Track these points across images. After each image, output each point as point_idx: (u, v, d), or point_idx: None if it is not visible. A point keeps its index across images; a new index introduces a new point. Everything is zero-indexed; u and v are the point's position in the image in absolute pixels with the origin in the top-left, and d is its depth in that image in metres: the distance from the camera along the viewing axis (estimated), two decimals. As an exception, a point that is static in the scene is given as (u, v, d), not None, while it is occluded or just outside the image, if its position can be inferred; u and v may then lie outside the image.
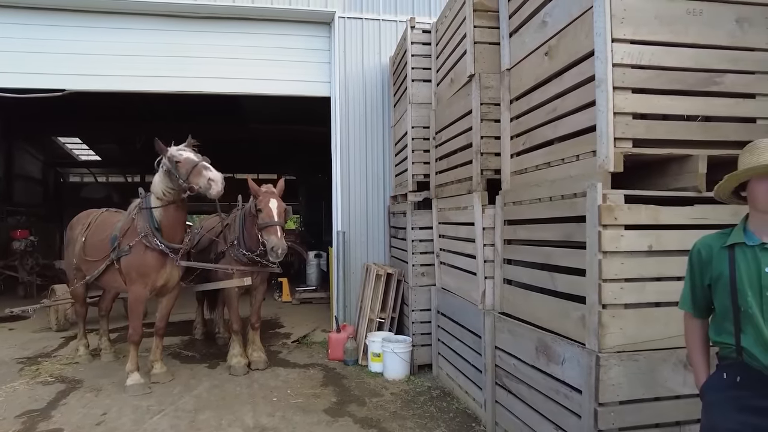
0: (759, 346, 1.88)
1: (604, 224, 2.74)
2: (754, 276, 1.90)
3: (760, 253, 1.91)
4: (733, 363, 1.97)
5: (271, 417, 4.52)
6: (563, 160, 3.27)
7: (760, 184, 1.91)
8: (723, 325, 2.02)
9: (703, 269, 2.09)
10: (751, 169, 1.91)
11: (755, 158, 1.92)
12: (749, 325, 1.91)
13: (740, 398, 1.93)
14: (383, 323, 6.15)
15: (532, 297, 3.57)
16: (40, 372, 5.81)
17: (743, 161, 1.99)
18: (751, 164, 1.92)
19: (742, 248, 1.96)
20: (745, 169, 1.94)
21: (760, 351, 1.87)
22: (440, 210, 5.40)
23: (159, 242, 5.08)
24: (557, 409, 3.12)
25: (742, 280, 1.92)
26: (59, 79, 7.00)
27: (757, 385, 1.89)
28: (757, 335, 1.88)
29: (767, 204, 1.91)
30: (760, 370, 1.88)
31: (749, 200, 1.99)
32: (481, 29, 4.40)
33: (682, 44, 2.91)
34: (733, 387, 1.97)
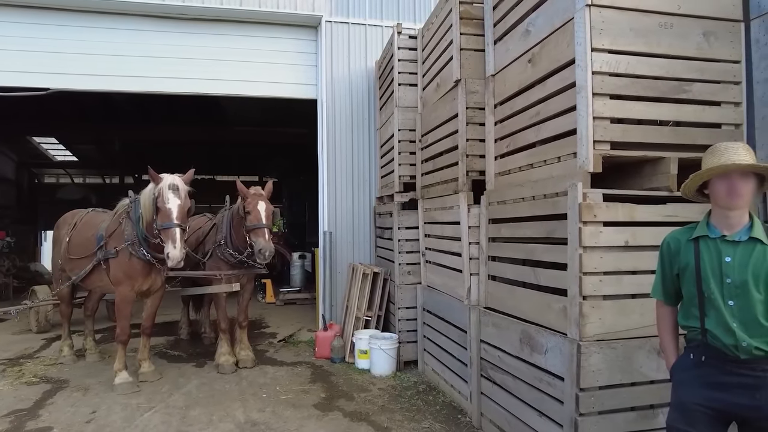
0: (720, 327, 2.07)
1: (584, 221, 2.94)
2: (716, 265, 2.11)
3: (720, 244, 2.12)
4: (699, 344, 2.16)
5: (262, 412, 4.61)
6: (545, 162, 3.47)
7: (720, 183, 2.11)
8: (690, 311, 2.21)
9: (672, 260, 2.28)
10: (712, 170, 2.11)
11: (716, 159, 2.13)
12: (712, 309, 2.10)
13: (705, 375, 2.13)
14: (370, 321, 6.28)
15: (516, 291, 3.76)
16: (24, 373, 5.76)
17: (705, 162, 2.18)
18: (712, 165, 2.12)
19: (705, 241, 2.16)
20: (706, 169, 2.14)
21: (722, 332, 2.07)
22: (426, 210, 5.57)
23: (145, 252, 5.10)
24: (540, 397, 3.30)
25: (705, 269, 2.12)
26: (43, 77, 6.96)
27: (719, 363, 2.09)
28: (718, 318, 2.08)
29: (725, 200, 2.10)
30: (722, 349, 2.07)
31: (711, 197, 2.19)
32: (467, 36, 4.60)
33: (655, 54, 3.14)
34: (698, 366, 2.16)
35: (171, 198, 4.80)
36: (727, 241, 2.11)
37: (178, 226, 4.75)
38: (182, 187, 4.91)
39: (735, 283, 2.06)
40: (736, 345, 2.04)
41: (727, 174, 2.08)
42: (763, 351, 2.01)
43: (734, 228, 2.11)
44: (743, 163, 2.06)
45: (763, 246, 2.06)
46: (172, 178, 4.94)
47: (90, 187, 21.69)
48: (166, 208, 4.78)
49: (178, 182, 4.91)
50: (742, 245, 2.09)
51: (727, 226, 2.13)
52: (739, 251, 2.08)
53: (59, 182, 22.14)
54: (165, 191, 4.81)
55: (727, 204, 2.10)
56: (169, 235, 4.73)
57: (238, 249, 5.64)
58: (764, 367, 2.02)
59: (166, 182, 4.87)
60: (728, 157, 2.09)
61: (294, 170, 16.76)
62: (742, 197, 2.08)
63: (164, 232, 4.76)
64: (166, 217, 4.77)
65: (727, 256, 2.09)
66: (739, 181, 2.07)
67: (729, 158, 2.09)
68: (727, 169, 2.08)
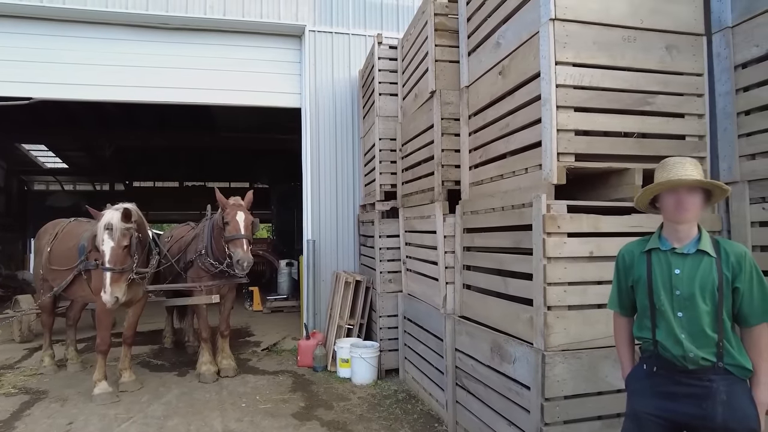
0: (670, 338, 2.12)
1: (548, 232, 2.98)
2: (666, 277, 2.16)
3: (671, 257, 2.17)
4: (651, 355, 2.21)
5: (240, 422, 4.60)
6: (514, 173, 3.51)
7: (669, 197, 2.17)
8: (643, 322, 2.26)
9: (627, 272, 2.33)
10: (660, 184, 2.18)
11: (665, 174, 2.18)
12: (663, 320, 2.16)
13: (656, 385, 2.18)
14: (352, 329, 6.29)
15: (487, 300, 3.79)
16: (3, 384, 5.72)
17: (656, 177, 2.23)
18: (661, 179, 2.18)
19: (657, 253, 2.22)
20: (656, 184, 2.20)
21: (671, 343, 2.12)
22: (406, 219, 5.60)
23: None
24: (509, 406, 3.33)
25: (656, 282, 2.18)
26: (26, 87, 6.97)
27: (669, 373, 2.14)
28: (668, 329, 2.13)
29: (674, 214, 2.16)
30: (671, 360, 2.12)
31: (661, 211, 2.25)
32: (441, 48, 4.65)
33: (619, 67, 3.20)
34: (650, 376, 2.21)
35: (105, 240, 4.70)
36: (677, 253, 2.17)
37: (109, 270, 4.67)
38: (118, 227, 4.71)
39: (684, 295, 2.11)
40: (684, 356, 2.08)
41: (675, 189, 2.14)
42: (709, 361, 2.06)
43: (684, 241, 2.17)
44: (689, 178, 2.12)
45: (710, 258, 2.11)
46: (110, 216, 4.76)
47: (80, 194, 21.61)
48: (100, 249, 4.73)
49: (114, 222, 4.71)
50: (691, 258, 2.14)
51: (677, 239, 2.18)
52: (687, 264, 2.14)
53: (49, 189, 22.06)
54: (100, 231, 4.73)
55: (675, 218, 2.16)
56: (102, 278, 4.68)
57: (218, 259, 5.64)
58: (710, 377, 2.06)
59: (104, 221, 4.74)
60: (676, 172, 2.15)
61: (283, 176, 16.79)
62: (689, 211, 2.13)
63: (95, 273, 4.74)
64: (101, 260, 4.73)
65: (676, 269, 2.14)
66: (686, 196, 2.12)
67: (677, 173, 2.14)
68: (674, 185, 2.13)
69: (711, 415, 2.03)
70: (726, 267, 2.09)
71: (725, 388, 2.03)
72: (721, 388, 2.03)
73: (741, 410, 2.03)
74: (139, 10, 6.98)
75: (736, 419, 2.02)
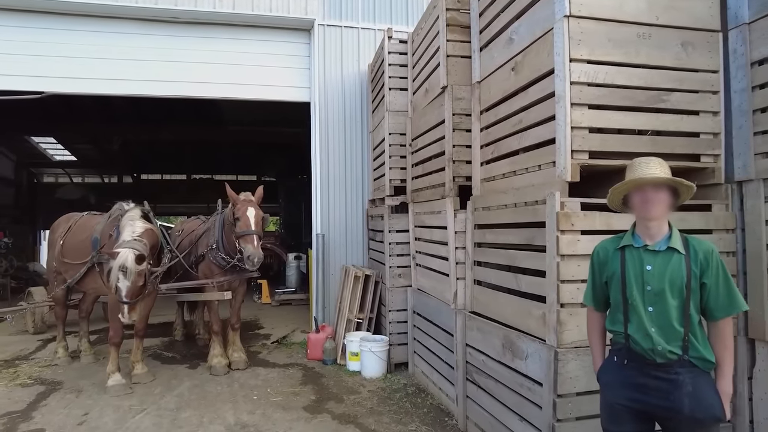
0: (640, 332, 2.21)
1: (561, 230, 2.98)
2: (638, 273, 2.25)
3: (643, 254, 2.26)
4: (622, 348, 2.30)
5: (252, 414, 4.66)
6: (527, 170, 3.51)
7: (636, 195, 2.27)
8: (616, 316, 2.34)
9: (602, 268, 2.41)
10: (626, 183, 2.28)
11: (632, 174, 2.28)
12: (635, 315, 2.24)
13: (627, 377, 2.26)
14: (361, 323, 6.33)
15: (499, 297, 3.81)
16: (19, 374, 5.83)
17: (626, 177, 2.32)
18: (628, 179, 2.28)
19: (630, 250, 2.30)
20: (622, 183, 2.30)
21: (642, 337, 2.20)
22: (416, 214, 5.61)
23: None
24: (521, 402, 3.36)
25: (629, 277, 2.26)
26: (37, 81, 7.01)
27: (639, 366, 2.23)
28: (639, 324, 2.22)
29: (641, 211, 2.26)
30: (641, 353, 2.21)
31: (632, 209, 2.34)
32: (453, 43, 4.63)
33: (633, 65, 3.18)
34: (621, 368, 2.30)
35: (121, 279, 4.69)
36: (649, 250, 2.25)
37: (127, 303, 4.75)
38: (132, 269, 4.69)
39: (654, 291, 2.20)
40: (653, 349, 2.18)
41: (641, 187, 2.24)
42: (675, 354, 2.15)
43: (655, 238, 2.26)
44: (653, 176, 2.21)
45: (680, 255, 2.21)
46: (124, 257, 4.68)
47: (89, 186, 21.77)
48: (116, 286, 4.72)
49: (129, 264, 4.67)
50: (662, 255, 2.23)
51: (649, 236, 2.27)
52: (658, 260, 2.23)
53: (58, 182, 22.23)
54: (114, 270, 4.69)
55: (643, 214, 2.25)
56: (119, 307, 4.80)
57: (229, 253, 5.68)
58: (677, 370, 2.15)
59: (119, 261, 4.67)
60: (641, 171, 2.25)
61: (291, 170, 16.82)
62: (655, 207, 2.22)
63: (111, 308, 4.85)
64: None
65: (648, 265, 2.23)
66: (651, 193, 2.21)
67: (641, 173, 2.24)
68: (638, 183, 2.23)
69: (678, 406, 2.12)
70: (694, 264, 2.18)
71: (690, 380, 2.13)
72: (687, 380, 2.13)
73: (706, 400, 2.12)
74: (148, 3, 6.99)
75: (702, 409, 2.11)
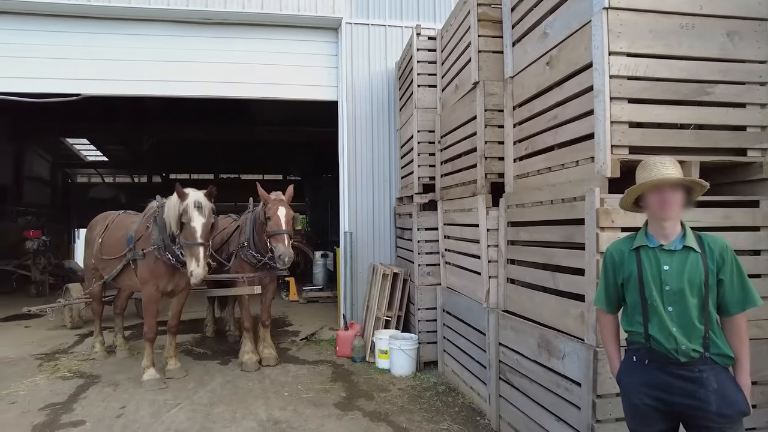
0: (663, 333, 2.20)
1: (601, 227, 2.92)
2: (656, 273, 2.24)
3: (659, 253, 2.26)
4: (641, 348, 2.28)
5: (284, 410, 4.71)
6: (563, 166, 3.45)
7: (652, 196, 2.25)
8: (634, 317, 2.32)
9: (617, 270, 2.40)
10: (644, 185, 2.26)
11: (647, 174, 2.26)
12: (655, 315, 2.23)
13: (650, 378, 2.25)
14: (390, 321, 6.33)
15: (534, 295, 3.75)
16: (59, 368, 6.01)
17: (638, 177, 2.31)
18: (644, 180, 2.26)
19: (645, 250, 2.30)
20: (640, 184, 2.28)
21: (664, 337, 2.19)
22: (445, 212, 5.58)
23: (170, 257, 5.24)
24: (558, 402, 3.30)
25: (647, 278, 2.26)
26: (74, 83, 7.21)
27: (662, 365, 2.21)
28: (660, 324, 2.21)
29: (659, 212, 2.24)
30: (664, 353, 2.20)
31: (646, 209, 2.33)
32: (485, 38, 4.58)
33: (676, 56, 3.09)
34: (642, 368, 2.28)
35: (196, 216, 4.86)
36: (665, 250, 2.25)
37: (201, 245, 4.82)
38: (206, 205, 4.96)
39: (673, 290, 2.20)
40: (676, 348, 2.17)
41: (659, 187, 2.22)
42: (698, 353, 2.15)
43: (669, 237, 2.26)
44: (672, 177, 2.21)
45: (696, 254, 2.21)
46: (197, 195, 4.99)
47: (120, 186, 22.35)
48: (190, 226, 4.85)
49: (202, 200, 4.95)
50: (678, 254, 2.23)
51: (663, 236, 2.27)
52: (675, 260, 2.23)
53: (91, 181, 22.89)
54: (190, 209, 4.88)
55: (661, 215, 2.24)
56: (193, 253, 4.82)
57: (260, 252, 5.75)
58: (700, 368, 2.15)
59: (192, 199, 4.90)
60: (657, 171, 2.24)
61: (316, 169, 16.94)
62: (673, 208, 2.22)
63: (188, 249, 4.86)
64: (191, 236, 4.85)
65: (665, 265, 2.23)
66: (669, 194, 2.21)
67: (658, 173, 2.23)
68: (658, 183, 2.22)
69: (706, 405, 2.11)
70: (711, 261, 2.19)
71: (714, 377, 2.13)
72: (711, 378, 2.13)
73: (731, 396, 2.13)
74: (180, 6, 7.11)
75: (729, 405, 2.11)
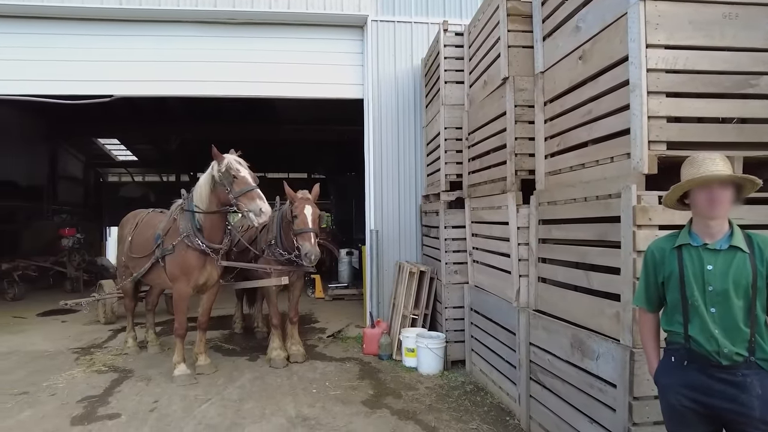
0: (703, 334, 2.13)
1: (638, 224, 2.84)
2: (699, 273, 2.16)
3: (703, 253, 2.17)
4: (681, 348, 2.21)
5: (312, 407, 4.73)
6: (597, 162, 3.37)
7: (700, 193, 2.16)
8: (674, 317, 2.26)
9: (657, 268, 2.33)
10: (692, 181, 2.17)
11: (695, 170, 2.17)
12: (696, 316, 2.16)
13: (689, 379, 2.18)
14: (416, 320, 6.31)
15: (567, 294, 3.67)
16: (94, 362, 6.19)
17: (685, 173, 2.22)
18: (692, 176, 2.17)
19: (688, 249, 2.22)
20: (687, 181, 2.19)
21: (705, 339, 2.12)
22: (473, 209, 5.52)
23: (200, 242, 5.34)
24: (591, 403, 3.23)
25: (689, 277, 2.18)
26: (106, 85, 7.38)
27: (702, 367, 2.14)
28: (702, 325, 2.14)
29: (707, 210, 2.15)
30: (705, 355, 2.12)
31: (692, 207, 2.24)
32: (514, 33, 4.51)
33: (718, 48, 2.98)
34: (681, 370, 2.21)
35: (241, 168, 5.13)
36: (709, 249, 2.17)
37: (257, 186, 5.09)
38: (243, 161, 5.24)
39: (716, 291, 2.12)
40: (718, 351, 2.09)
41: (707, 184, 2.14)
42: (742, 356, 2.07)
43: (715, 236, 2.17)
44: (723, 173, 2.12)
45: (743, 254, 2.12)
46: (233, 155, 5.26)
47: (148, 185, 22.84)
48: (240, 176, 5.08)
49: (239, 158, 5.26)
50: (723, 254, 2.14)
51: (709, 235, 2.18)
52: (720, 259, 2.14)
53: (121, 181, 23.45)
54: (233, 163, 5.13)
55: (709, 214, 2.15)
56: (252, 196, 5.03)
57: (287, 249, 5.80)
58: (743, 372, 2.06)
59: (230, 156, 5.20)
60: (706, 168, 2.15)
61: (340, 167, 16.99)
62: (723, 206, 2.13)
63: (245, 196, 5.04)
64: (244, 183, 5.08)
65: (709, 265, 2.15)
66: (719, 191, 2.12)
67: (707, 169, 2.14)
68: (708, 180, 2.13)
69: (748, 410, 2.03)
70: (760, 262, 2.10)
71: (758, 382, 2.05)
72: (755, 383, 2.05)
73: None
74: (208, 6, 7.21)
75: None
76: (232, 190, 5.07)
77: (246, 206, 5.02)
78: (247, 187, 5.04)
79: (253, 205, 4.98)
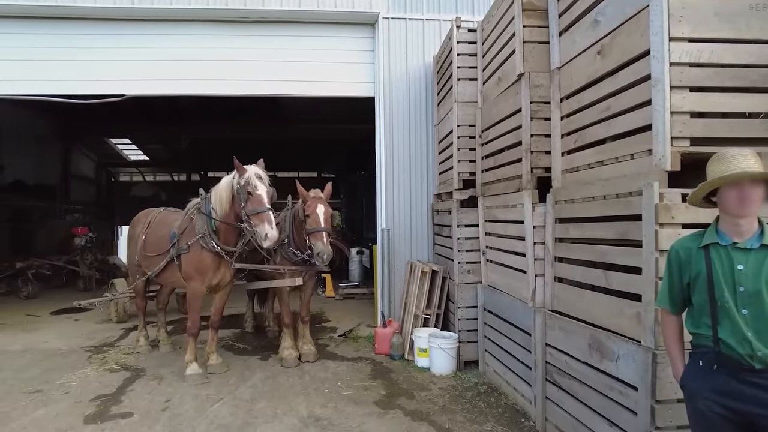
0: (734, 336, 2.04)
1: (660, 223, 2.76)
2: (728, 273, 2.08)
3: (732, 252, 2.09)
4: (709, 351, 2.12)
5: (324, 408, 4.70)
6: (617, 159, 3.29)
7: (730, 191, 2.07)
8: (701, 319, 2.17)
9: (683, 269, 2.24)
10: (723, 178, 2.07)
11: (724, 167, 2.08)
12: (726, 318, 2.07)
13: (718, 384, 2.09)
14: (428, 319, 6.25)
15: (585, 294, 3.60)
16: (107, 360, 6.20)
17: (712, 170, 2.13)
18: (721, 173, 2.08)
19: (716, 248, 2.13)
20: (717, 178, 2.09)
21: (736, 341, 2.03)
22: (487, 208, 5.45)
23: (215, 245, 5.33)
24: (611, 406, 3.16)
25: (718, 277, 2.09)
26: (118, 84, 7.39)
27: (733, 371, 2.05)
28: (733, 327, 2.05)
29: (736, 208, 2.07)
30: (737, 358, 2.03)
31: (720, 205, 2.15)
32: (530, 28, 4.43)
33: (744, 40, 2.88)
34: (710, 374, 2.12)
35: (260, 185, 5.08)
36: (739, 248, 2.08)
37: (269, 209, 5.03)
38: (265, 176, 5.21)
39: (748, 292, 2.03)
40: (751, 354, 2.01)
41: (738, 182, 2.05)
42: None
43: (745, 235, 2.09)
44: (755, 171, 2.03)
45: None
46: (255, 168, 5.20)
47: (159, 184, 22.97)
48: (256, 194, 5.05)
49: (261, 172, 5.19)
50: (754, 253, 2.06)
51: (738, 234, 2.10)
52: (751, 259, 2.06)
53: (132, 180, 23.62)
54: (253, 179, 5.08)
55: (740, 212, 2.07)
56: (263, 218, 5.00)
57: (299, 249, 5.78)
58: None
59: (252, 171, 5.13)
60: (737, 164, 2.06)
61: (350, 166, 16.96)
62: (754, 205, 2.05)
63: (256, 216, 5.01)
64: (258, 203, 5.04)
65: (739, 264, 2.06)
66: (750, 189, 2.04)
67: (738, 166, 2.05)
68: (739, 177, 2.04)
69: None
70: None
71: None
72: None
73: None
74: (219, 5, 7.20)
75: None
76: (245, 207, 5.07)
77: (255, 226, 5.03)
78: (260, 208, 5.02)
79: (260, 228, 4.97)
